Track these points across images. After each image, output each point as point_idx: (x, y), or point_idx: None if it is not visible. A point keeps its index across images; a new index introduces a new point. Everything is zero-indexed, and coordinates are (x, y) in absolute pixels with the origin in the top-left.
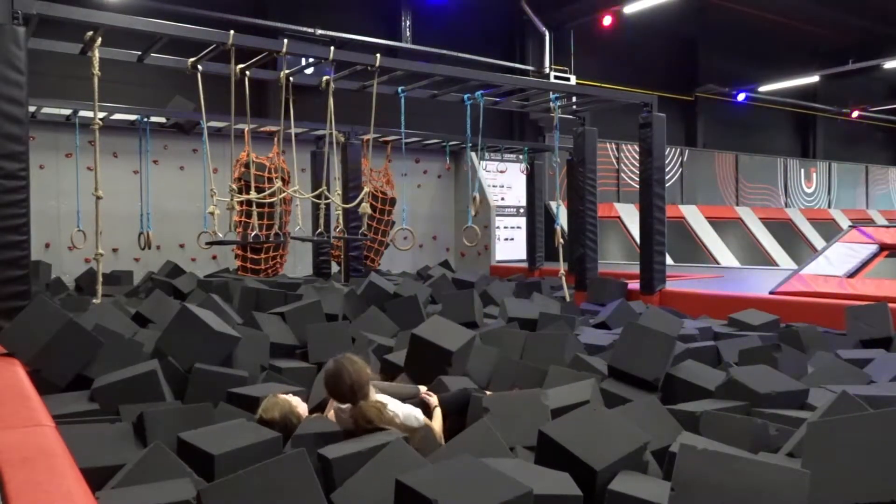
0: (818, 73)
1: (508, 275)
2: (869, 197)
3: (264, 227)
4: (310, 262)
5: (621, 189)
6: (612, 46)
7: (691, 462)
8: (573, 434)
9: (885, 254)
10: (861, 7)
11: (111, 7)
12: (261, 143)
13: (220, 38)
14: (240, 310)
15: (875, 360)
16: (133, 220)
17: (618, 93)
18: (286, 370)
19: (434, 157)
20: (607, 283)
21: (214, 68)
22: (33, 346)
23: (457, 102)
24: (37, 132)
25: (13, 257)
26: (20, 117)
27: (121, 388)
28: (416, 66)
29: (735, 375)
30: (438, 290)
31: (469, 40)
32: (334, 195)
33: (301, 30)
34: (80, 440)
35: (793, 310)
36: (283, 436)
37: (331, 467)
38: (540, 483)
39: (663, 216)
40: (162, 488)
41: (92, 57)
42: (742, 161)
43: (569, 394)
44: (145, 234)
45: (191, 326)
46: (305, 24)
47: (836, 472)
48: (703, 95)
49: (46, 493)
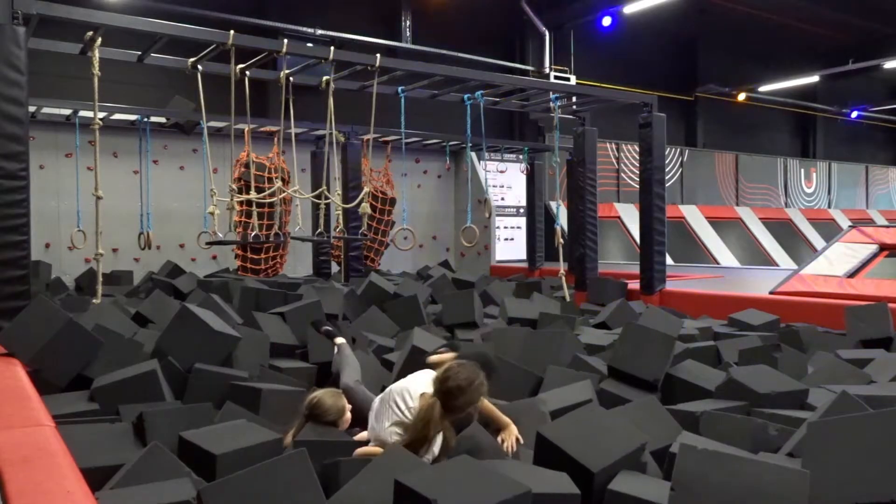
0: (818, 73)
1: (508, 275)
2: (869, 197)
3: (264, 227)
4: (310, 262)
5: (621, 189)
6: (612, 46)
7: (691, 462)
8: (571, 435)
9: (884, 254)
10: (861, 7)
11: (111, 7)
12: (261, 143)
13: (220, 38)
14: (240, 310)
15: (875, 360)
16: (133, 220)
17: (618, 93)
18: (286, 370)
19: (434, 157)
20: (607, 283)
21: (214, 68)
22: (33, 346)
23: (457, 102)
24: (37, 132)
25: (13, 257)
26: (20, 117)
27: (121, 388)
28: (416, 66)
29: (735, 375)
30: (438, 290)
31: (469, 40)
32: (334, 195)
33: (301, 30)
34: (79, 440)
35: (793, 310)
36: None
37: (338, 470)
38: (538, 482)
39: (663, 216)
40: (162, 488)
41: (92, 57)
42: (742, 161)
43: (568, 394)
44: (145, 234)
45: (191, 326)
46: (305, 24)
47: (836, 472)
48: (703, 95)
49: (46, 493)
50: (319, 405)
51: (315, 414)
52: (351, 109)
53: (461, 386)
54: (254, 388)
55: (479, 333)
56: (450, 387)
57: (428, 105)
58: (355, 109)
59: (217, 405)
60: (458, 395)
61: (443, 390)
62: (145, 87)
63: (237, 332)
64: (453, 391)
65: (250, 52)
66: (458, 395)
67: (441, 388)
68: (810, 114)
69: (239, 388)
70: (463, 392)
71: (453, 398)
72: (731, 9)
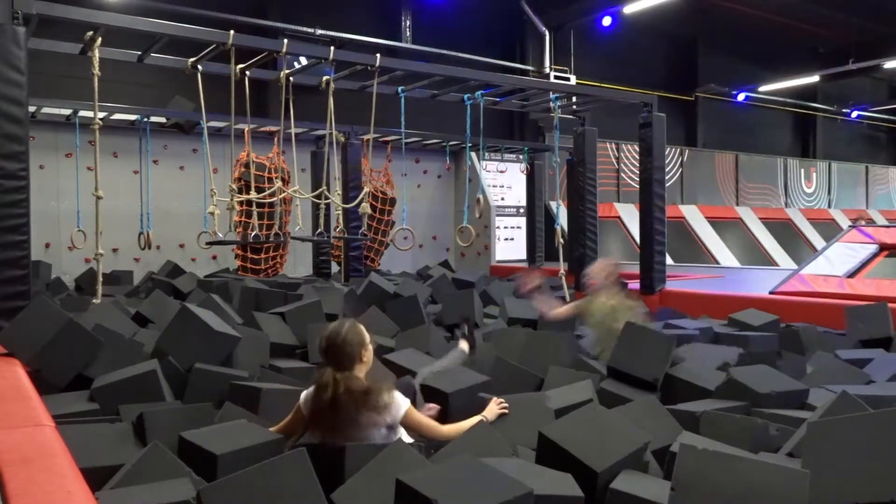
0: (818, 73)
1: (508, 275)
2: (869, 197)
3: (264, 227)
4: (310, 262)
5: (621, 189)
6: (612, 46)
7: (691, 462)
8: (573, 435)
9: (884, 254)
10: (861, 7)
11: (111, 7)
12: (261, 143)
13: (220, 38)
14: (240, 310)
15: (875, 360)
16: (133, 220)
17: (618, 93)
18: (286, 370)
19: (434, 157)
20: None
21: (214, 68)
22: (33, 346)
23: (457, 102)
24: (37, 132)
25: (13, 257)
26: (20, 117)
27: (121, 388)
28: (416, 66)
29: (735, 375)
30: (438, 290)
31: (469, 40)
32: (334, 195)
33: (301, 30)
34: (79, 440)
35: (793, 310)
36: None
37: (342, 459)
38: (541, 483)
39: (663, 216)
40: (162, 488)
41: (92, 57)
42: (742, 161)
43: (569, 394)
44: (145, 234)
45: (191, 326)
46: (305, 24)
47: (836, 472)
48: (703, 95)
49: (46, 493)
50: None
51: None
52: (351, 109)
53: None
54: (254, 388)
55: (479, 333)
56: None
57: (428, 105)
58: (355, 109)
59: (217, 405)
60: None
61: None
62: (145, 87)
63: (237, 332)
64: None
65: (250, 52)
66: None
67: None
68: (810, 114)
69: (239, 388)
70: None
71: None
72: (731, 9)
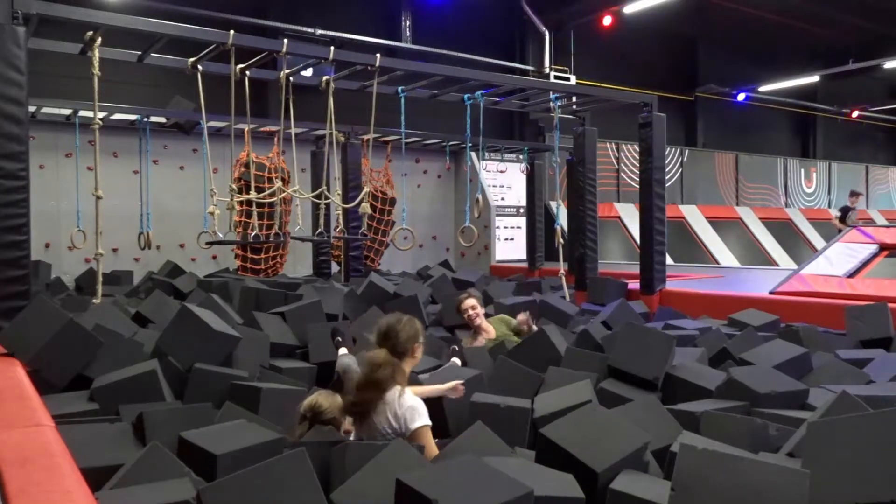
0: (818, 73)
1: (508, 275)
2: (869, 197)
3: (264, 227)
4: (310, 262)
5: (621, 189)
6: (612, 46)
7: (691, 462)
8: (573, 435)
9: (885, 254)
10: (861, 7)
11: (111, 7)
12: (261, 143)
13: (220, 38)
14: (240, 310)
15: (875, 360)
16: (133, 220)
17: (618, 93)
18: (286, 370)
19: (434, 157)
20: (607, 283)
21: (214, 68)
22: (33, 346)
23: (457, 102)
24: (37, 132)
25: (13, 257)
26: (20, 117)
27: (121, 388)
28: (416, 66)
29: (735, 375)
30: (438, 290)
31: (469, 40)
32: (334, 195)
33: (301, 30)
34: (79, 440)
35: (793, 310)
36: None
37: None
38: (541, 483)
39: (663, 216)
40: (162, 488)
41: (92, 57)
42: (742, 161)
43: (568, 394)
44: (145, 234)
45: (191, 326)
46: (305, 24)
47: (836, 472)
48: (703, 95)
49: (46, 493)
50: (317, 406)
51: (315, 415)
52: (351, 109)
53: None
54: (254, 388)
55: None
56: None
57: (428, 105)
58: (355, 109)
59: (217, 405)
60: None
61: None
62: (145, 87)
63: (237, 332)
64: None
65: (250, 52)
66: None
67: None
68: (810, 114)
69: (239, 388)
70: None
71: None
72: (731, 9)
